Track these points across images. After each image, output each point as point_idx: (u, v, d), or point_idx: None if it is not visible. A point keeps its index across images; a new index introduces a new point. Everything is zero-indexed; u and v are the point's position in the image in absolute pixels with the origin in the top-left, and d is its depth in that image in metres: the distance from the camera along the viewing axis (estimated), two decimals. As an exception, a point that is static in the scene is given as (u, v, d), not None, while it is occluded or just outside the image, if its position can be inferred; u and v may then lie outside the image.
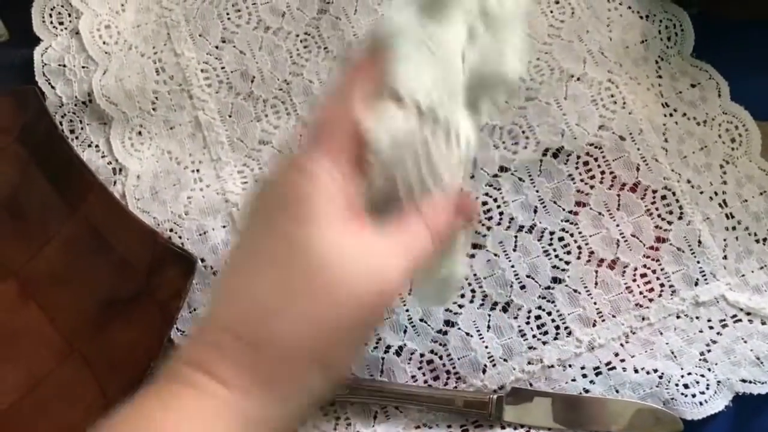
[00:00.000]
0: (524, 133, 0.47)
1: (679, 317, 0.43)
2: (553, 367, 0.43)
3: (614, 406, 0.41)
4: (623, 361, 0.43)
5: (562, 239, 0.45)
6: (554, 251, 0.45)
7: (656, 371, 0.42)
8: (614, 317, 0.44)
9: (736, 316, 0.43)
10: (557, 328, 0.44)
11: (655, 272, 0.44)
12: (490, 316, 0.44)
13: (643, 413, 0.41)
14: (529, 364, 0.43)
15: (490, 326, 0.44)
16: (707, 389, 0.41)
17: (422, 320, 0.44)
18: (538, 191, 0.46)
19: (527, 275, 0.44)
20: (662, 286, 0.44)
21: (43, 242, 0.45)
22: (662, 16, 0.48)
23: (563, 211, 0.45)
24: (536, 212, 0.46)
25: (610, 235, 0.45)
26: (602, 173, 0.46)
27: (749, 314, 0.43)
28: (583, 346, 0.43)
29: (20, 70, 0.50)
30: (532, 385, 0.43)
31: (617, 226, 0.45)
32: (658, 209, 0.45)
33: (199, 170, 0.48)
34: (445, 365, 0.43)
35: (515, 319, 0.44)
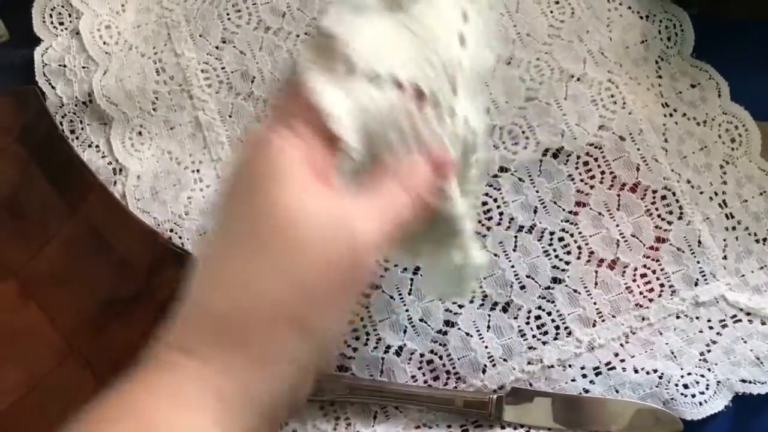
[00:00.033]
0: (524, 133, 0.47)
1: (678, 317, 0.43)
2: (552, 367, 0.43)
3: (614, 406, 0.42)
4: (623, 361, 0.43)
5: (562, 239, 0.45)
6: (554, 251, 0.45)
7: (656, 371, 0.42)
8: (614, 317, 0.44)
9: (735, 316, 0.43)
10: (557, 328, 0.44)
11: (655, 272, 0.44)
12: (490, 316, 0.44)
13: (642, 413, 0.41)
14: (528, 364, 0.43)
15: (490, 326, 0.44)
16: (707, 389, 0.41)
17: (422, 320, 0.44)
18: (538, 191, 0.46)
19: (527, 275, 0.44)
20: (662, 286, 0.44)
21: (43, 242, 0.45)
22: (662, 16, 0.48)
23: (563, 211, 0.45)
24: (536, 212, 0.46)
25: (610, 235, 0.45)
26: (602, 173, 0.46)
27: (749, 314, 0.43)
28: (582, 346, 0.43)
29: (21, 70, 0.50)
30: (532, 385, 0.43)
31: (617, 226, 0.45)
32: (658, 209, 0.45)
33: (199, 170, 0.48)
34: (444, 365, 0.43)
35: (515, 319, 0.44)
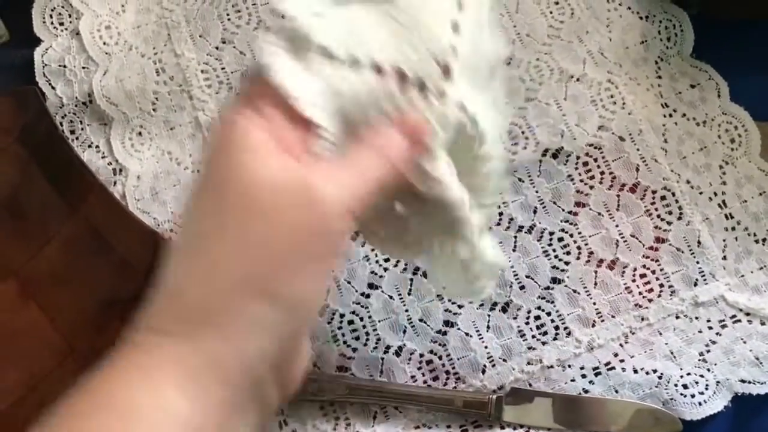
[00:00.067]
0: (524, 133, 0.47)
1: (678, 317, 0.43)
2: (552, 367, 0.43)
3: (613, 406, 0.42)
4: (622, 361, 0.43)
5: (561, 239, 0.45)
6: (554, 251, 0.45)
7: (655, 371, 0.42)
8: (613, 317, 0.44)
9: (735, 316, 0.43)
10: (557, 328, 0.44)
11: (654, 273, 0.44)
12: (489, 316, 0.44)
13: (642, 413, 0.41)
14: (528, 364, 0.43)
15: (489, 326, 0.44)
16: (706, 389, 0.41)
17: (422, 320, 0.44)
18: (537, 192, 0.46)
19: (527, 275, 0.44)
20: (661, 286, 0.44)
21: (43, 242, 0.45)
22: (662, 16, 0.48)
23: (563, 211, 0.45)
24: (536, 212, 0.46)
25: (609, 235, 0.45)
26: (602, 174, 0.46)
27: (748, 315, 0.43)
28: (582, 346, 0.43)
29: (21, 70, 0.50)
30: (531, 385, 0.43)
31: (617, 226, 0.45)
32: (657, 210, 0.45)
33: (199, 171, 0.48)
34: (444, 365, 0.43)
35: (515, 319, 0.44)
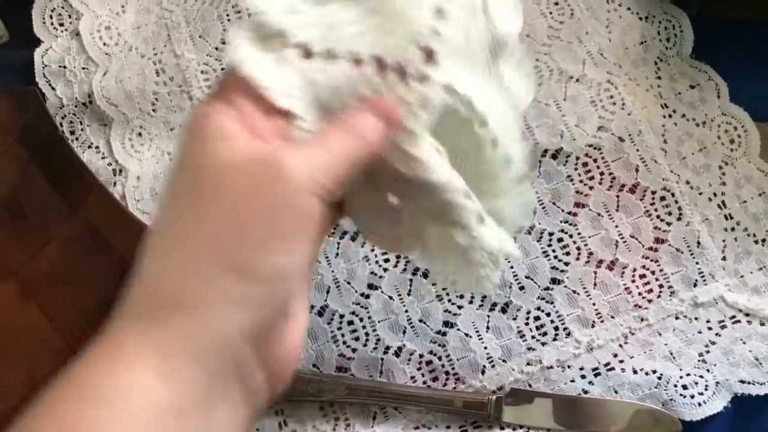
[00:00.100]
0: (523, 134, 0.47)
1: (677, 318, 0.43)
2: (552, 368, 0.43)
3: (613, 407, 0.42)
4: (622, 362, 0.43)
5: (561, 240, 0.45)
6: (553, 252, 0.45)
7: (655, 372, 0.42)
8: (613, 318, 0.44)
9: (734, 317, 0.43)
10: (556, 329, 0.44)
11: (654, 273, 0.44)
12: (489, 316, 0.44)
13: (642, 414, 0.41)
14: (528, 365, 0.43)
15: (489, 327, 0.44)
16: (706, 390, 0.41)
17: (421, 321, 0.44)
18: (537, 192, 0.46)
19: (526, 276, 0.45)
20: (661, 287, 0.44)
21: (43, 243, 0.45)
22: (661, 17, 0.48)
23: (562, 212, 0.46)
24: (535, 213, 0.46)
25: (609, 236, 0.45)
26: (601, 174, 0.46)
27: (748, 315, 0.43)
28: (582, 347, 0.43)
29: (21, 71, 0.50)
30: (531, 386, 0.43)
31: (616, 227, 0.45)
32: (657, 210, 0.45)
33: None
34: (444, 366, 0.43)
35: (514, 320, 0.44)
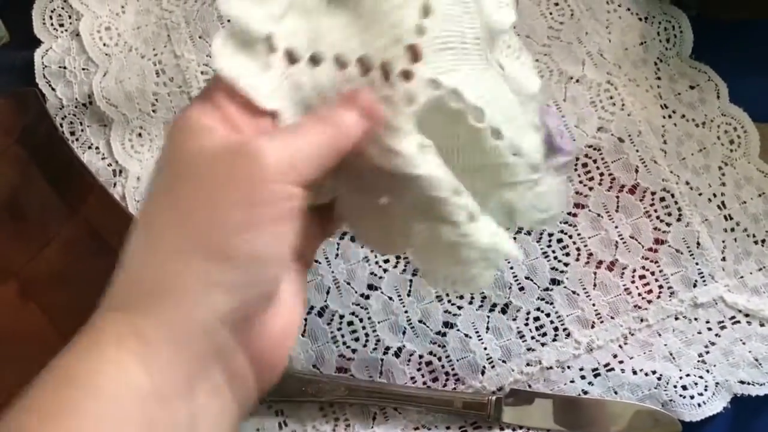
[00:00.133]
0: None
1: (677, 319, 0.43)
2: (551, 368, 0.43)
3: (613, 407, 0.42)
4: (622, 362, 0.43)
5: (560, 241, 0.45)
6: (553, 253, 0.45)
7: (655, 373, 0.42)
8: (613, 319, 0.44)
9: (734, 317, 0.43)
10: (556, 329, 0.44)
11: (653, 274, 0.44)
12: (488, 317, 0.44)
13: (641, 415, 0.41)
14: (527, 365, 0.43)
15: (488, 328, 0.44)
16: (705, 390, 0.41)
17: (421, 321, 0.44)
18: (537, 193, 0.46)
19: (526, 277, 0.45)
20: (661, 287, 0.44)
21: (43, 243, 0.45)
22: (661, 18, 0.48)
23: (562, 212, 0.45)
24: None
25: (608, 236, 0.45)
26: (601, 175, 0.46)
27: (747, 316, 0.43)
28: (581, 347, 0.43)
29: (21, 72, 0.50)
30: (530, 386, 0.43)
31: (616, 227, 0.45)
32: (656, 211, 0.45)
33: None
34: (443, 366, 0.43)
35: (514, 320, 0.44)
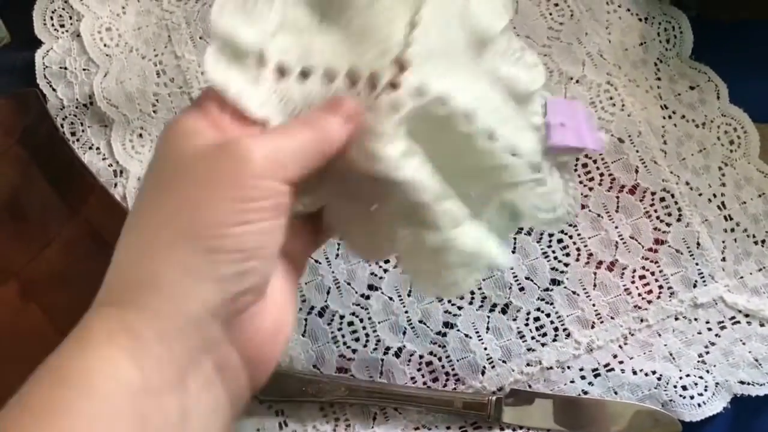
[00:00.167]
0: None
1: (677, 319, 0.43)
2: (551, 368, 0.43)
3: (613, 407, 0.42)
4: (622, 362, 0.43)
5: (561, 241, 0.45)
6: (553, 253, 0.45)
7: (655, 373, 0.42)
8: (613, 319, 0.44)
9: (734, 317, 0.43)
10: (556, 329, 0.44)
11: (653, 274, 0.44)
12: (489, 317, 0.44)
13: (641, 415, 0.41)
14: (527, 365, 0.43)
15: (489, 328, 0.44)
16: (705, 391, 0.41)
17: (421, 322, 0.44)
18: (537, 193, 0.46)
19: (526, 277, 0.45)
20: (661, 287, 0.44)
21: (43, 244, 0.45)
22: (661, 18, 0.48)
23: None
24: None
25: (608, 236, 0.45)
26: (601, 175, 0.46)
27: (747, 316, 0.43)
28: (581, 347, 0.43)
29: (22, 72, 0.50)
30: (530, 386, 0.43)
31: (616, 227, 0.45)
32: (656, 211, 0.45)
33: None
34: (444, 367, 0.43)
35: (514, 320, 0.44)
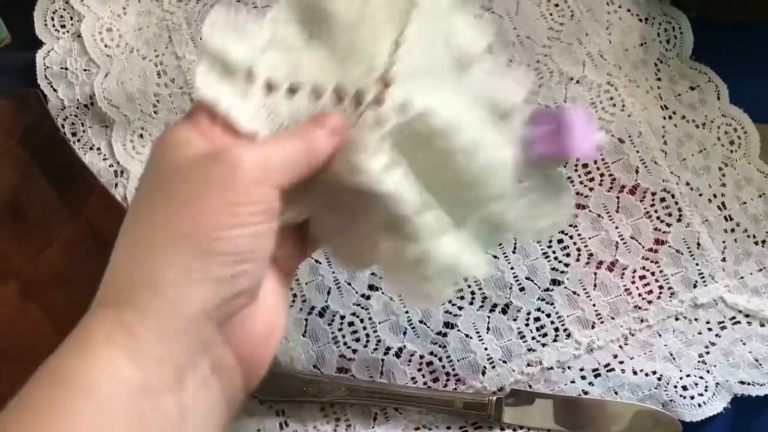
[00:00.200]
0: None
1: (677, 319, 0.44)
2: (552, 368, 0.43)
3: (613, 407, 0.42)
4: (622, 363, 0.43)
5: (561, 241, 0.45)
6: (553, 253, 0.45)
7: (655, 373, 0.42)
8: (613, 319, 0.44)
9: (734, 318, 0.43)
10: (556, 330, 0.44)
11: (654, 274, 0.44)
12: (489, 317, 0.44)
13: (642, 415, 0.41)
14: (528, 365, 0.43)
15: (489, 328, 0.44)
16: (706, 391, 0.41)
17: (422, 322, 0.44)
18: (537, 193, 0.46)
19: (526, 277, 0.45)
20: (661, 288, 0.44)
21: (44, 244, 0.45)
22: (661, 18, 0.48)
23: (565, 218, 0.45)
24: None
25: (609, 237, 0.45)
26: (601, 175, 0.46)
27: (748, 316, 0.43)
28: (582, 347, 0.43)
29: (22, 73, 0.50)
30: (531, 386, 0.43)
31: (616, 228, 0.45)
32: (657, 211, 0.45)
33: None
34: (444, 367, 0.44)
35: (514, 321, 0.44)
